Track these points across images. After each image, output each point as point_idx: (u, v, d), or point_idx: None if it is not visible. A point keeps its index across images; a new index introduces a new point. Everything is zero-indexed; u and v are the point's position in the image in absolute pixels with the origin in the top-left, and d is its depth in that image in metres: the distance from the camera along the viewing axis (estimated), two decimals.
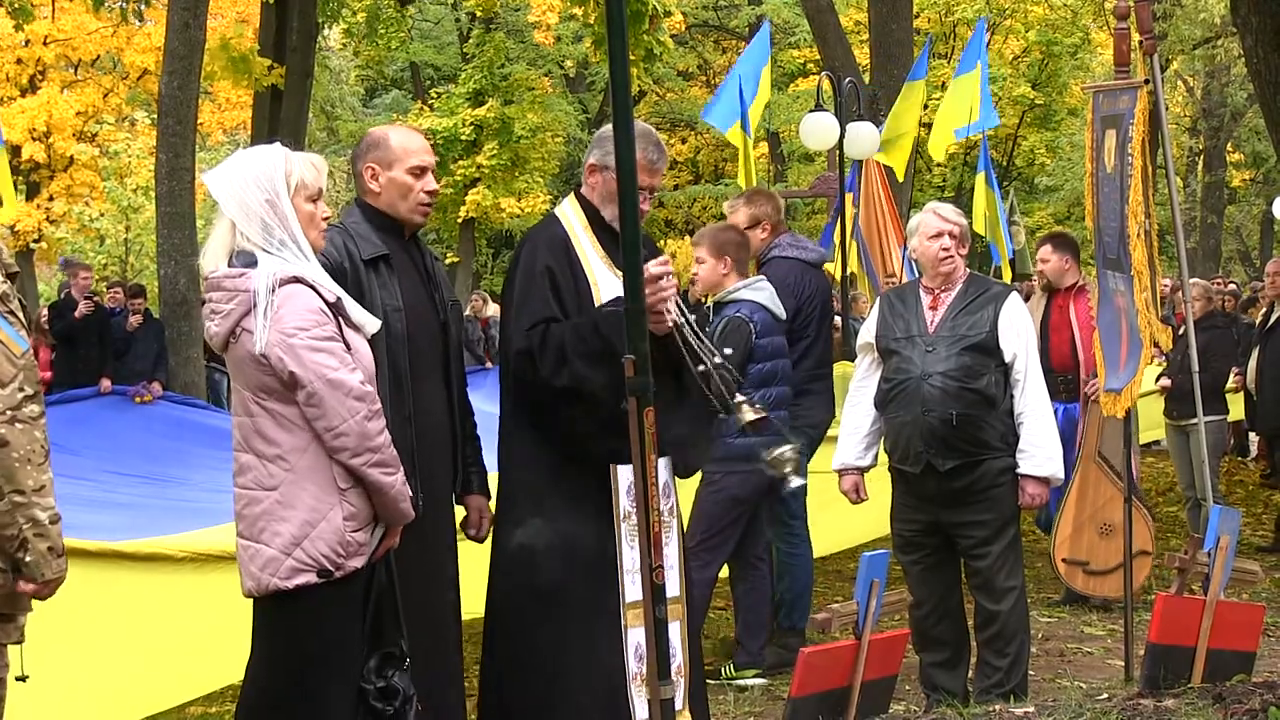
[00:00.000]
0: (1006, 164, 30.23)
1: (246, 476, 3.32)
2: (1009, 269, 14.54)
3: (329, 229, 3.73)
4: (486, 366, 14.81)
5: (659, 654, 3.30)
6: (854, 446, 5.34)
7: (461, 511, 4.18)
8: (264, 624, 3.39)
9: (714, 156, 34.23)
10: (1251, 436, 12.56)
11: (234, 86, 18.65)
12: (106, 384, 11.62)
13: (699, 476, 5.62)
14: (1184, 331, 6.45)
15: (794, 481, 4.09)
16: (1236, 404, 10.22)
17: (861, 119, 11.58)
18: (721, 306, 5.89)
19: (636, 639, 3.94)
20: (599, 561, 3.99)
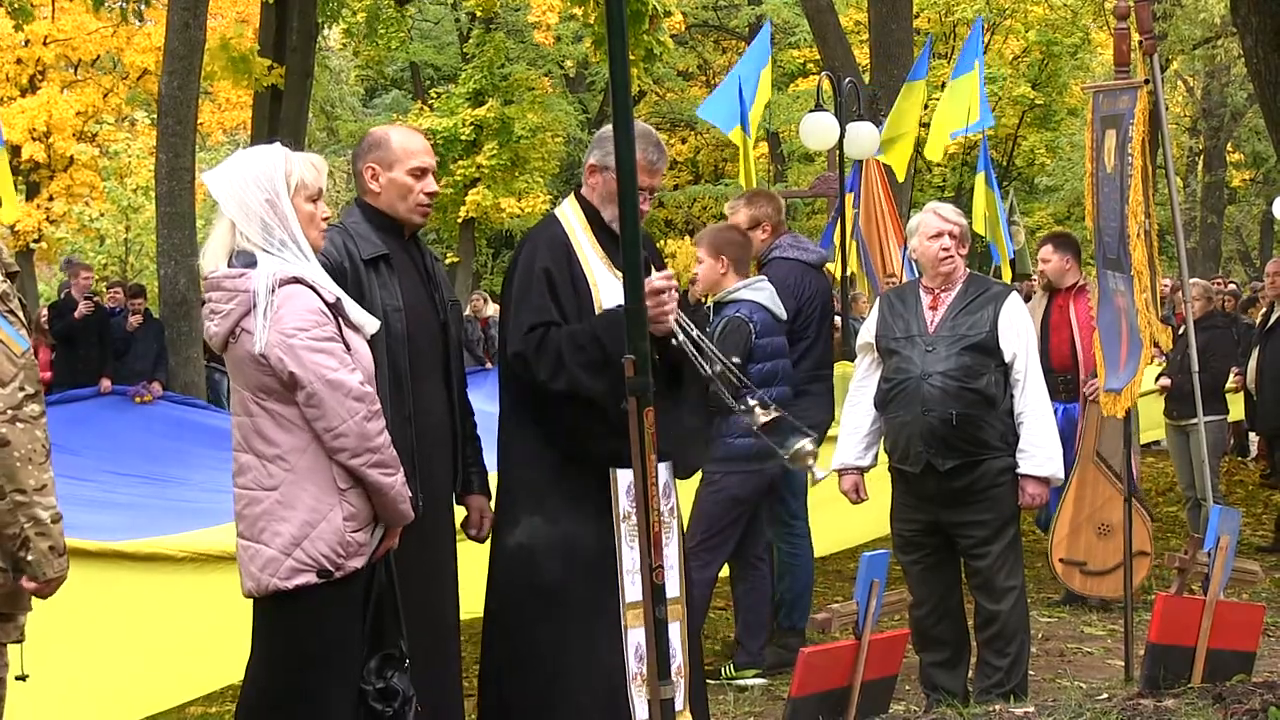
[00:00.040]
0: (1006, 164, 30.23)
1: (246, 477, 3.32)
2: (1009, 269, 14.53)
3: (329, 229, 3.73)
4: (486, 367, 14.81)
5: (659, 654, 3.30)
6: (854, 446, 5.34)
7: (462, 511, 4.18)
8: (264, 624, 3.39)
9: (714, 156, 34.23)
10: (1251, 436, 12.56)
11: (234, 86, 18.64)
12: (106, 384, 11.63)
13: (699, 476, 5.62)
14: (1184, 331, 6.45)
15: (819, 474, 4.09)
16: (1236, 404, 10.22)
17: (861, 119, 11.58)
18: (721, 306, 5.90)
19: (636, 639, 3.94)
20: (599, 561, 3.99)
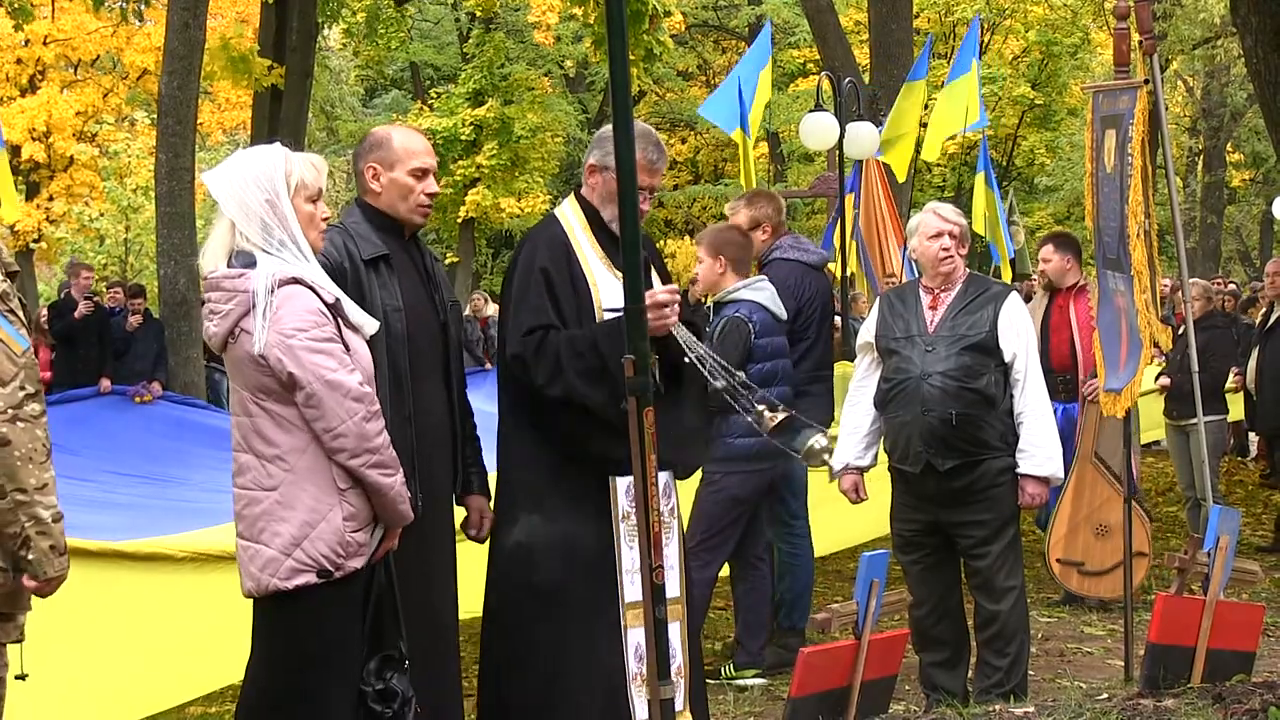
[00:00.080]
0: (1006, 164, 30.23)
1: (246, 477, 3.32)
2: (1009, 269, 14.53)
3: (329, 229, 3.73)
4: (486, 367, 14.80)
5: (659, 654, 3.30)
6: (854, 446, 5.33)
7: (461, 512, 4.17)
8: (264, 624, 3.39)
9: (714, 157, 34.24)
10: (1251, 436, 12.56)
11: (234, 86, 18.63)
12: (106, 384, 11.63)
13: (699, 476, 5.63)
14: (1183, 331, 6.45)
15: (837, 465, 4.08)
16: (1236, 404, 10.22)
17: (861, 119, 11.58)
18: (721, 306, 5.90)
19: (636, 639, 3.94)
20: (598, 561, 3.99)
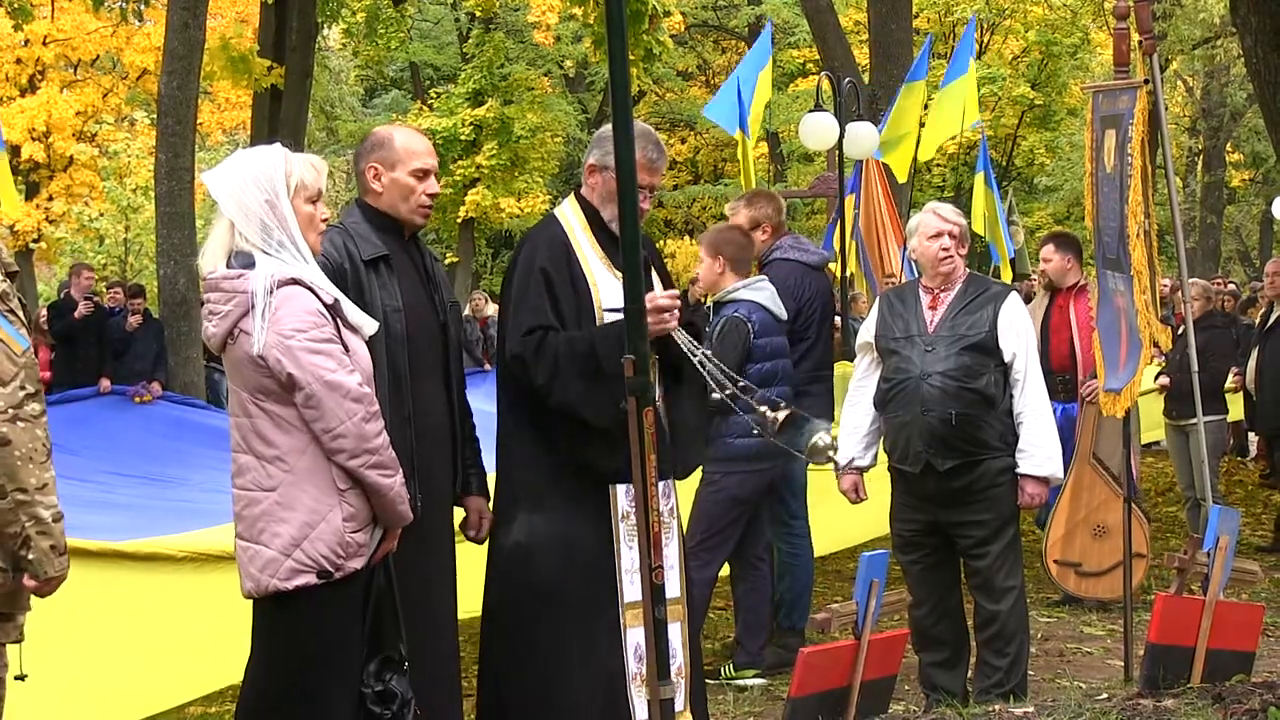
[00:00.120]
0: (1006, 164, 30.23)
1: (245, 478, 3.32)
2: (1009, 269, 14.52)
3: (329, 229, 3.73)
4: (485, 368, 14.79)
5: (659, 654, 3.30)
6: (853, 446, 5.33)
7: (460, 513, 4.18)
8: (264, 625, 3.39)
9: (713, 157, 34.24)
10: (1251, 436, 12.55)
11: (233, 86, 18.63)
12: (106, 384, 11.64)
13: (699, 476, 5.63)
14: (1183, 331, 6.45)
15: (842, 460, 4.07)
16: (1236, 404, 10.22)
17: (861, 119, 11.59)
18: (720, 306, 5.90)
19: (636, 639, 3.94)
20: (598, 561, 3.99)
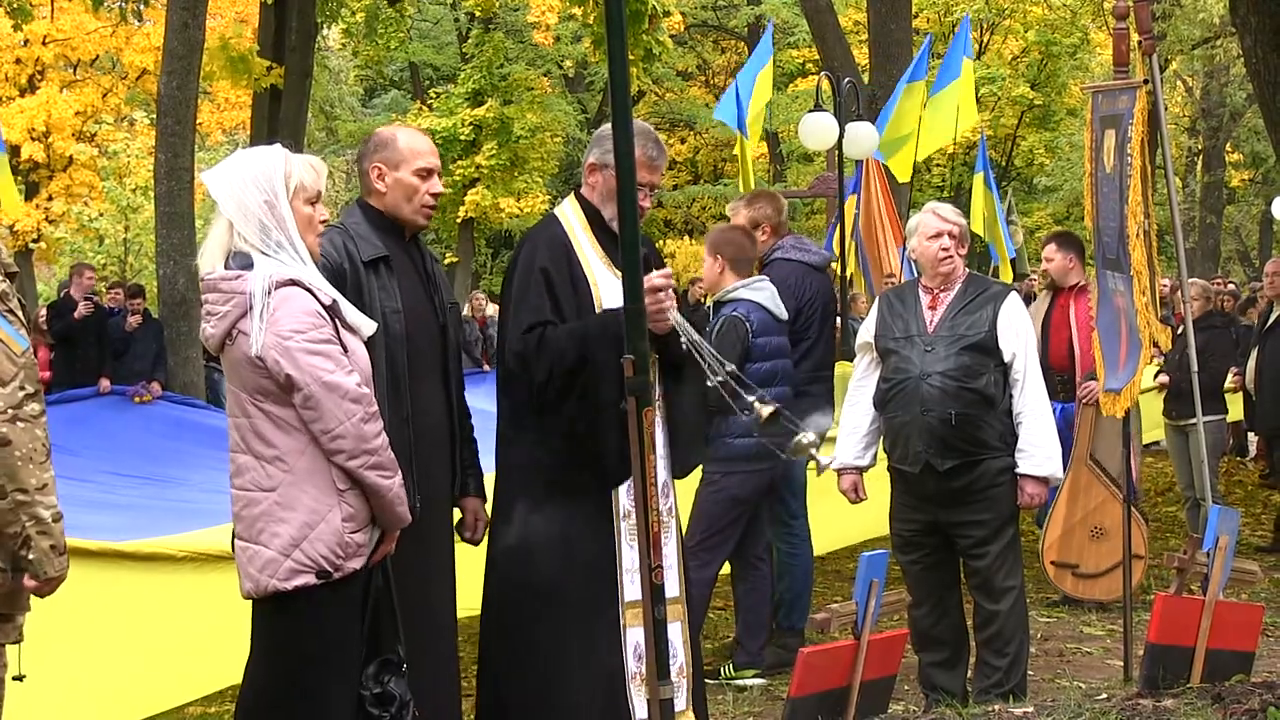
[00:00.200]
0: (1005, 164, 30.24)
1: (244, 478, 3.31)
2: (1009, 269, 14.52)
3: (329, 229, 3.73)
4: (484, 369, 14.79)
5: (658, 654, 3.30)
6: (853, 446, 5.34)
7: (457, 514, 4.17)
8: (263, 625, 3.38)
9: (713, 157, 34.25)
10: (1250, 436, 12.56)
11: (233, 86, 18.64)
12: (105, 384, 11.64)
13: (699, 476, 5.63)
14: (1182, 331, 6.46)
15: (824, 460, 4.07)
16: (1235, 404, 10.22)
17: (860, 119, 11.59)
18: (720, 306, 5.91)
19: (636, 639, 3.94)
20: (597, 561, 3.99)
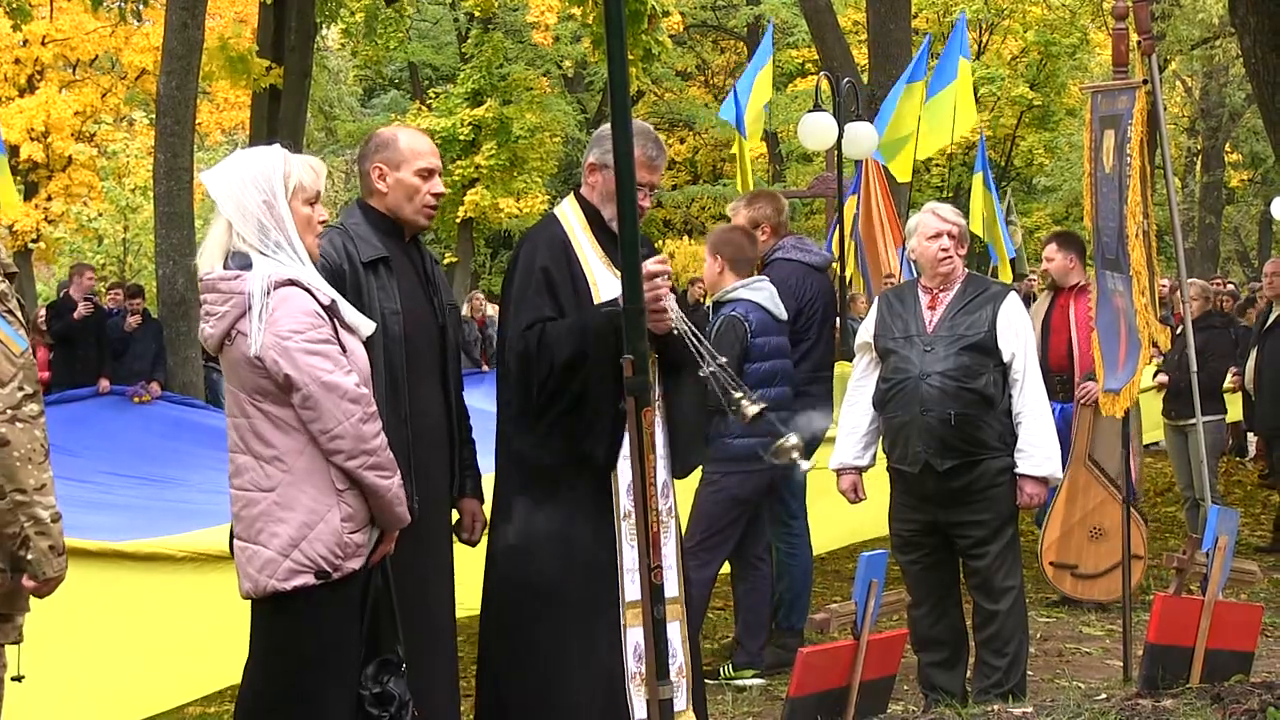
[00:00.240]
0: (1005, 164, 30.25)
1: (243, 478, 3.31)
2: (1008, 269, 14.53)
3: (329, 229, 3.73)
4: (483, 370, 14.80)
5: (658, 654, 3.30)
6: (852, 446, 5.34)
7: (454, 515, 4.17)
8: (262, 626, 3.38)
9: (712, 157, 34.25)
10: (1250, 437, 12.56)
11: (232, 86, 18.64)
12: (105, 384, 11.64)
13: (698, 476, 5.63)
14: (1182, 331, 6.46)
15: (803, 465, 4.06)
16: (1235, 404, 10.22)
17: (860, 119, 11.59)
18: (719, 306, 5.91)
19: (636, 639, 3.94)
20: (597, 560, 3.99)
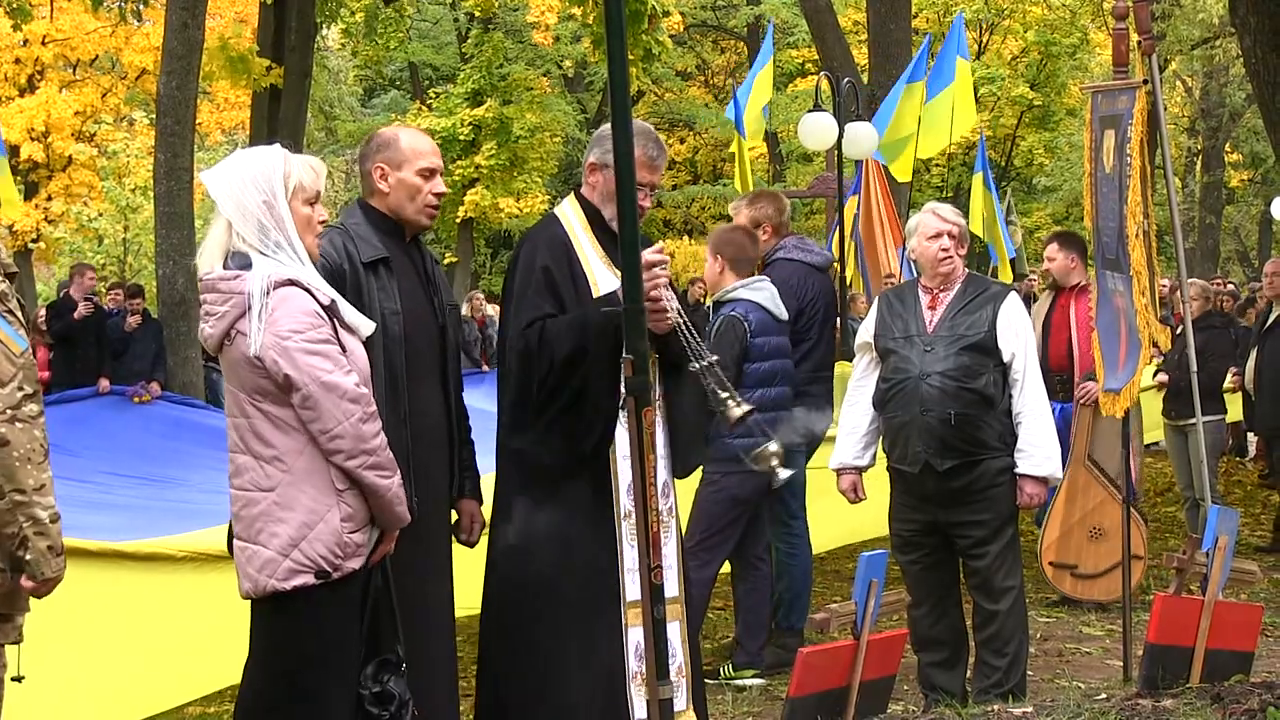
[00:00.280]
0: (1005, 164, 30.24)
1: (243, 478, 3.31)
2: (1008, 269, 14.52)
3: (329, 229, 3.73)
4: (483, 370, 14.80)
5: (658, 654, 3.30)
6: (852, 446, 5.34)
7: (453, 515, 4.17)
8: (262, 625, 3.38)
9: (712, 157, 34.26)
10: (1250, 437, 12.56)
11: (232, 86, 18.65)
12: (105, 384, 11.64)
13: (699, 476, 5.63)
14: (1182, 331, 6.46)
15: (782, 473, 4.05)
16: (1235, 404, 10.22)
17: (860, 119, 11.59)
18: (720, 306, 5.91)
19: (636, 639, 3.94)
20: (596, 560, 3.99)
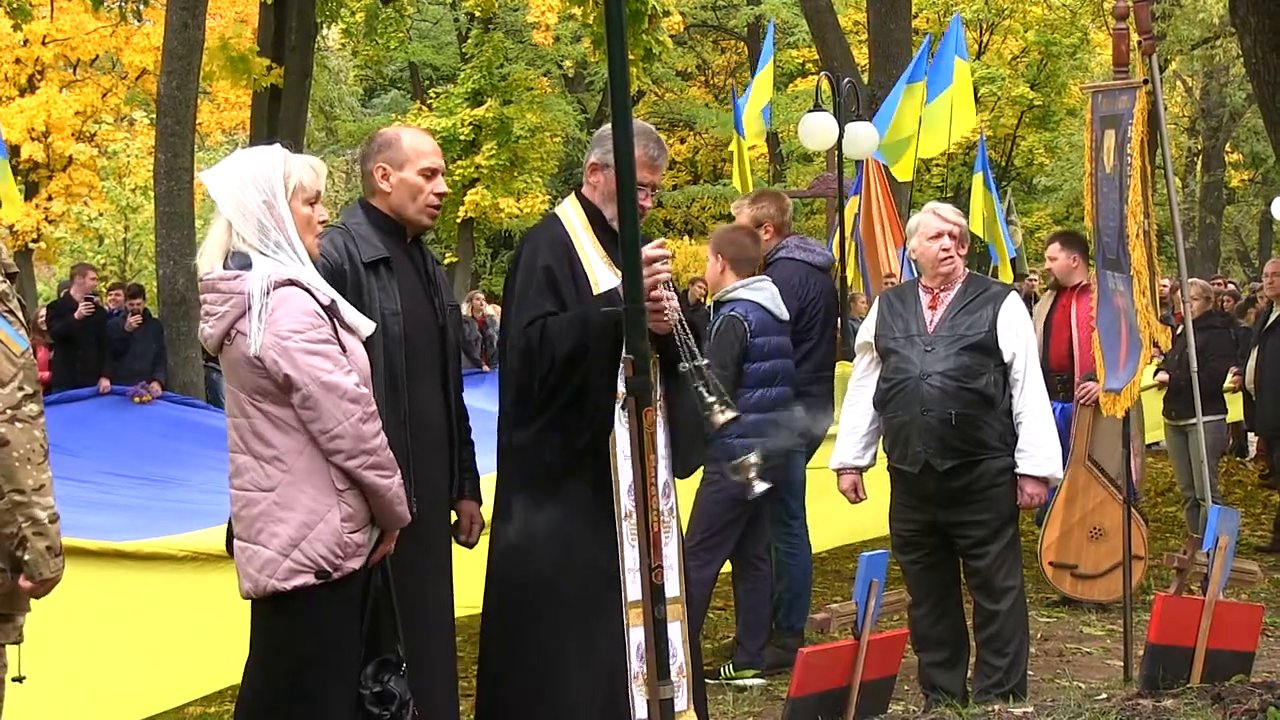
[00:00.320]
0: (1005, 164, 30.24)
1: (243, 478, 3.31)
2: (1008, 269, 14.52)
3: (330, 228, 3.73)
4: (483, 370, 14.79)
5: (658, 654, 3.30)
6: (852, 446, 5.34)
7: (453, 516, 4.17)
8: (262, 625, 3.38)
9: (712, 157, 34.26)
10: (1250, 436, 12.56)
11: (233, 86, 18.66)
12: (105, 384, 11.65)
13: (700, 476, 5.62)
14: (1182, 331, 6.46)
15: (758, 486, 4.08)
16: (1235, 404, 10.23)
17: (860, 119, 11.60)
18: (720, 306, 5.91)
19: (637, 639, 3.94)
20: (597, 560, 3.99)
